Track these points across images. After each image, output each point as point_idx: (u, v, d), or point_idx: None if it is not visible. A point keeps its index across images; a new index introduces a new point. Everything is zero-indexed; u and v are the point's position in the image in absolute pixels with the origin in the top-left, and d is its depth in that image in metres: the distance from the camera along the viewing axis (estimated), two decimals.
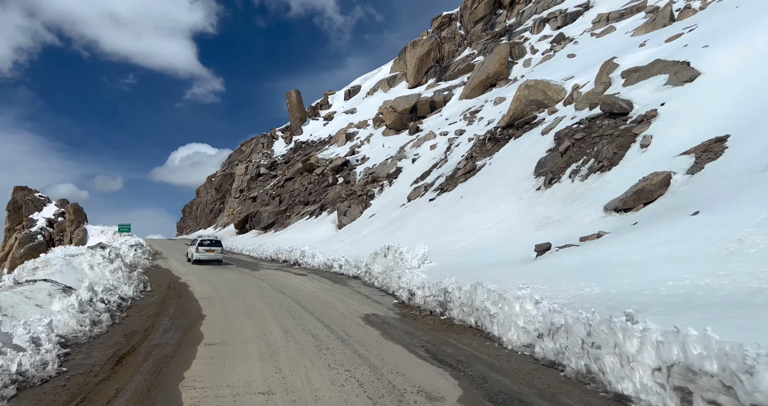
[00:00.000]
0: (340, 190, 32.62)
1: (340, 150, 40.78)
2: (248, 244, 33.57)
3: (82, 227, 39.45)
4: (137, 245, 24.99)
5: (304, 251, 21.24)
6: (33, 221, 38.48)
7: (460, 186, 20.43)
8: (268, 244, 29.97)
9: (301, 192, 39.35)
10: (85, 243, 40.17)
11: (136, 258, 19.04)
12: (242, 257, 26.94)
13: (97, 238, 40.60)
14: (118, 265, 12.04)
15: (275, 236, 33.93)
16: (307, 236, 28.46)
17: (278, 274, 16.03)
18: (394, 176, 27.52)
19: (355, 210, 26.62)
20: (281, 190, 42.73)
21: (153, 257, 24.93)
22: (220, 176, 70.69)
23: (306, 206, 35.86)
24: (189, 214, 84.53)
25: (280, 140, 59.76)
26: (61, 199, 41.08)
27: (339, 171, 36.30)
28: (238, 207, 53.24)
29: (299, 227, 32.03)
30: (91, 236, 40.67)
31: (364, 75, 67.65)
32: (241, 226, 44.02)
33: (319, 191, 36.20)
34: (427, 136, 28.96)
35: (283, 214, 39.21)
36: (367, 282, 12.81)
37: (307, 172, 41.13)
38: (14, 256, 35.44)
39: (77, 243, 39.11)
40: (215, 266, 20.18)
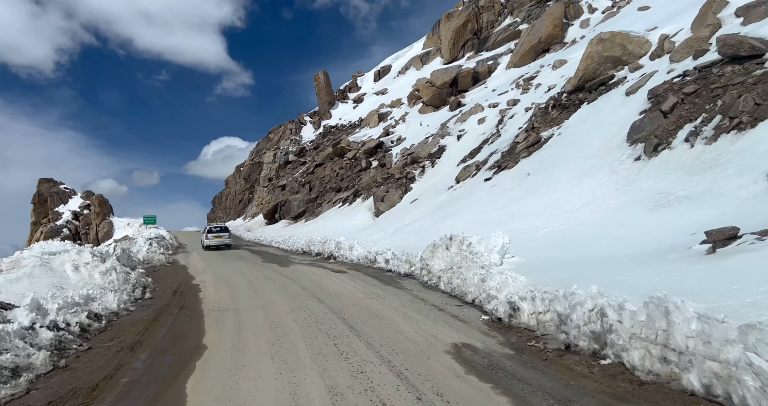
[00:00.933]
0: (375, 175, 29.70)
1: (373, 132, 37.77)
2: (278, 235, 31.26)
3: (108, 220, 38.21)
4: (157, 238, 22.97)
5: (340, 242, 18.49)
6: (58, 214, 37.49)
7: (523, 162, 17.08)
8: (298, 234, 27.49)
9: (332, 178, 36.70)
10: (111, 236, 39.04)
11: (150, 253, 16.75)
12: (271, 249, 24.54)
13: (123, 231, 39.39)
14: (112, 265, 9.52)
15: (306, 225, 31.45)
16: (341, 225, 25.75)
17: (312, 271, 13.29)
18: (437, 156, 24.32)
19: (393, 195, 23.65)
20: (311, 177, 40.23)
21: (174, 251, 22.87)
22: (249, 165, 69.13)
23: (338, 193, 33.19)
24: (219, 205, 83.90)
25: (309, 126, 57.25)
26: (86, 191, 39.95)
27: (372, 154, 33.35)
28: (267, 196, 51.29)
29: (332, 216, 29.38)
30: (117, 229, 39.46)
31: (394, 54, 64.12)
32: (270, 216, 41.92)
33: (351, 177, 33.42)
34: (473, 110, 25.53)
35: (314, 202, 36.72)
36: (428, 283, 9.87)
37: (337, 157, 38.41)
38: None
39: (103, 236, 37.96)
40: (237, 261, 17.75)
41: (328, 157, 40.17)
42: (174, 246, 25.80)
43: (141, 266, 14.05)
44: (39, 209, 37.75)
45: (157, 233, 25.27)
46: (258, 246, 27.24)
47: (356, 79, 65.14)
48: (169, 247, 23.66)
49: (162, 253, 17.94)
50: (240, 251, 23.23)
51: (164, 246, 22.28)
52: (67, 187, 40.20)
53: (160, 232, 28.62)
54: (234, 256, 20.73)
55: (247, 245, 28.89)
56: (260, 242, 30.60)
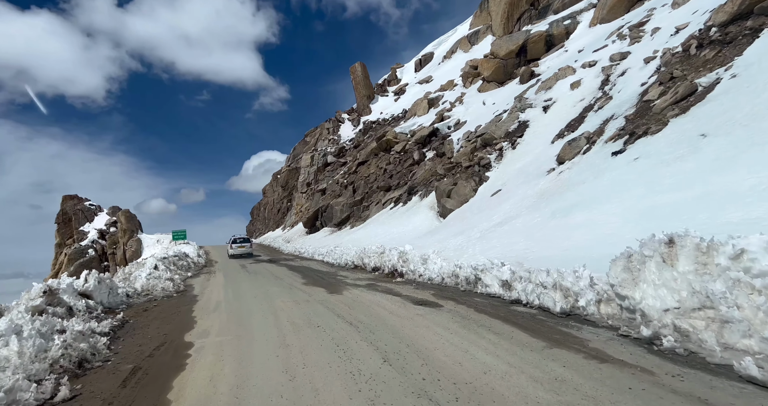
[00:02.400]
0: (433, 167, 24.71)
1: (422, 120, 32.87)
2: (320, 245, 26.81)
3: (136, 237, 35.22)
4: (175, 257, 18.87)
5: (405, 252, 13.64)
6: (83, 233, 34.94)
7: (677, 122, 11.60)
8: (345, 244, 22.88)
9: (378, 176, 32.03)
10: (140, 255, 36.03)
11: (153, 280, 12.48)
12: (314, 264, 20.02)
13: (152, 248, 36.34)
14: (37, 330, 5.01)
15: (353, 232, 26.81)
16: (398, 229, 20.90)
17: (380, 302, 8.46)
18: (518, 134, 19.03)
19: (464, 188, 18.55)
20: (354, 177, 35.77)
21: (195, 272, 18.75)
22: (286, 172, 65.91)
23: (388, 192, 28.42)
24: (257, 216, 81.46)
25: (347, 124, 53.14)
26: (112, 207, 37.35)
27: (426, 144, 28.42)
28: (306, 203, 47.40)
29: (383, 219, 24.59)
30: (147, 247, 36.44)
31: (437, 39, 59.10)
32: (311, 224, 37.76)
33: (402, 172, 28.59)
34: (560, 74, 20.10)
35: (359, 205, 32.15)
36: (646, 338, 4.75)
37: (383, 152, 33.74)
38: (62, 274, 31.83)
39: (131, 256, 34.98)
40: (270, 283, 13.27)
41: (372, 154, 35.59)
42: (198, 265, 21.80)
43: (123, 306, 9.73)
44: (63, 229, 35.47)
45: (178, 251, 21.35)
46: (298, 260, 22.84)
47: (395, 71, 60.59)
48: (190, 267, 19.61)
49: (172, 277, 13.68)
50: (276, 268, 18.85)
51: (182, 267, 18.19)
52: (93, 203, 37.77)
53: (182, 249, 24.84)
54: (268, 274, 16.32)
55: (286, 258, 24.60)
56: (301, 255, 26.26)
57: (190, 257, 22.38)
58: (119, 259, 34.17)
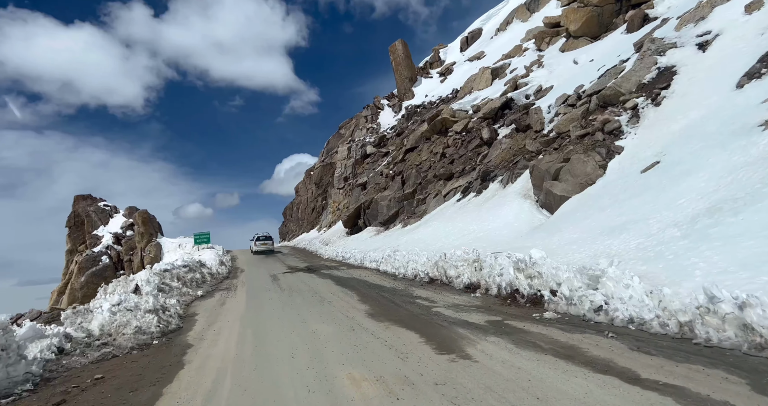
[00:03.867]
0: (514, 144, 19.28)
1: (486, 93, 27.38)
2: (369, 248, 21.83)
3: (155, 241, 31.32)
4: (181, 270, 14.23)
5: (534, 261, 8.41)
6: (97, 238, 31.33)
7: None
8: (405, 246, 17.81)
9: (433, 163, 26.80)
10: (160, 261, 32.07)
11: (121, 316, 7.67)
12: (368, 274, 15.01)
13: (173, 253, 32.36)
14: None
15: (409, 232, 21.66)
16: (478, 227, 15.61)
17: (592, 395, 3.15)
18: (660, 85, 13.36)
19: (582, 165, 13.05)
20: (402, 166, 30.66)
21: (211, 287, 14.09)
22: (319, 168, 61.60)
23: (449, 182, 23.16)
24: (290, 216, 77.73)
25: (387, 110, 48.11)
26: (129, 208, 33.60)
27: (497, 118, 22.99)
28: (344, 200, 42.68)
29: (450, 214, 19.33)
30: (167, 252, 32.51)
31: (485, 14, 53.24)
32: (352, 223, 32.90)
33: (467, 155, 23.25)
34: (715, 1, 14.25)
35: (411, 198, 27.02)
36: None
37: (438, 135, 28.47)
38: (73, 286, 28.17)
39: (150, 262, 31.10)
40: (314, 314, 8.16)
41: (423, 138, 30.37)
42: (218, 277, 17.20)
43: (29, 386, 4.90)
44: (75, 233, 31.99)
45: (190, 260, 16.82)
46: (344, 268, 17.89)
47: (438, 52, 55.11)
48: (204, 280, 15.01)
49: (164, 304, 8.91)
50: (319, 282, 13.93)
51: (191, 283, 13.59)
52: (108, 204, 34.09)
53: (200, 256, 20.42)
54: (309, 293, 11.42)
55: (327, 265, 19.72)
56: (345, 261, 21.33)
57: (207, 266, 17.80)
58: (136, 267, 30.43)
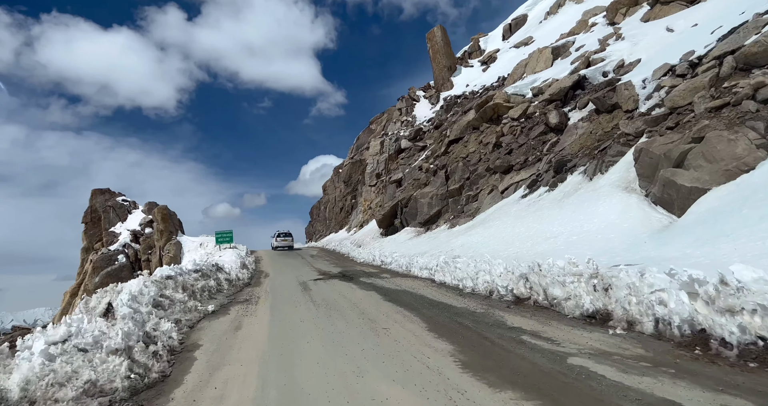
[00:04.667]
0: (594, 128, 15.87)
1: (546, 75, 23.88)
2: (412, 252, 18.77)
3: (175, 240, 29.03)
4: (191, 275, 11.43)
5: (747, 285, 5.03)
6: (114, 235, 29.28)
7: None
8: (461, 250, 14.70)
9: (484, 155, 23.51)
10: (179, 261, 29.81)
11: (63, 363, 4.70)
12: (421, 285, 11.86)
13: (194, 253, 30.04)
14: None
15: (462, 234, 18.45)
16: (563, 228, 12.34)
17: None
18: None
19: (726, 146, 9.68)
20: (445, 159, 27.45)
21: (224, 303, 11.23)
22: (348, 165, 58.95)
23: (507, 175, 19.84)
24: (317, 216, 75.39)
25: (423, 102, 44.93)
26: (148, 203, 31.48)
27: (567, 100, 19.54)
28: (377, 198, 39.73)
29: (516, 213, 16.02)
30: (187, 251, 30.20)
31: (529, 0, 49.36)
32: (387, 223, 29.88)
33: (529, 144, 19.88)
34: None
35: (458, 195, 23.81)
36: None
37: (488, 124, 25.14)
38: (87, 287, 26.11)
39: (169, 262, 28.85)
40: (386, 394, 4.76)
41: (470, 128, 27.08)
42: (237, 284, 14.40)
43: None
44: (92, 229, 30.05)
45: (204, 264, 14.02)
46: (387, 276, 14.81)
47: (477, 41, 51.57)
48: (220, 289, 12.25)
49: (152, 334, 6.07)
50: (361, 294, 10.89)
51: (203, 293, 10.81)
52: (127, 199, 32.05)
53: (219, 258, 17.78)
54: (353, 312, 8.42)
55: (366, 271, 16.70)
56: (385, 266, 18.28)
57: (224, 271, 15.03)
58: (154, 267, 28.28)
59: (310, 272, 18.01)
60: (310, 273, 17.65)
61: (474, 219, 19.82)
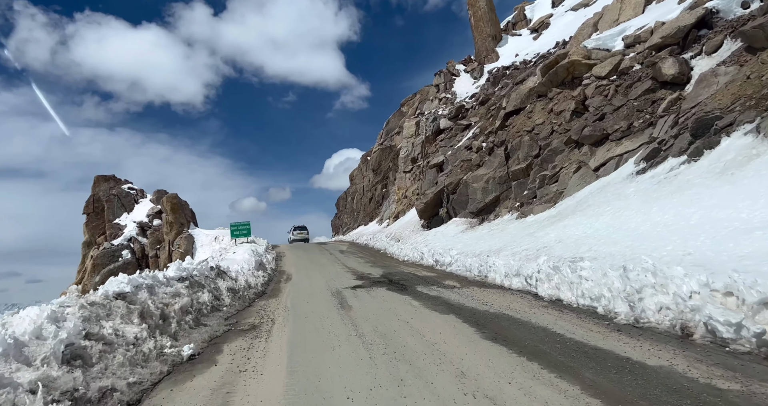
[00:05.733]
0: (752, 72, 10.98)
1: (640, 21, 18.85)
2: (476, 248, 14.38)
3: (186, 233, 25.35)
4: (179, 285, 7.07)
5: None
6: (119, 227, 25.83)
7: None
8: (562, 248, 10.18)
9: (558, 126, 18.78)
10: (192, 257, 26.12)
11: None
12: (519, 302, 7.31)
13: (208, 248, 26.35)
14: None
15: (547, 226, 13.94)
16: (749, 215, 7.50)
17: None
18: None
19: None
20: (503, 134, 22.78)
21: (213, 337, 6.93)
22: (378, 152, 54.67)
23: (601, 147, 15.21)
24: (343, 208, 71.44)
25: (464, 77, 40.06)
26: (157, 191, 27.87)
27: (687, 46, 14.64)
28: (413, 185, 35.28)
29: (634, 195, 11.39)
30: (201, 246, 26.51)
31: None
32: (430, 213, 25.49)
33: (630, 107, 15.15)
34: None
35: (524, 176, 19.25)
36: None
37: (560, 89, 20.35)
38: (86, 287, 22.72)
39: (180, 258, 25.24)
40: None
41: (533, 96, 22.31)
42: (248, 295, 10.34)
43: None
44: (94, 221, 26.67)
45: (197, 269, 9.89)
46: (455, 284, 10.37)
47: (523, 10, 46.18)
48: (207, 311, 8.20)
49: None
50: (436, 322, 6.38)
51: (187, 315, 6.62)
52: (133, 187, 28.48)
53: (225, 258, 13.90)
54: (450, 382, 3.98)
55: (421, 277, 12.30)
56: (445, 269, 13.88)
57: (229, 275, 10.93)
58: (163, 264, 24.76)
59: (344, 275, 13.82)
60: (343, 276, 13.46)
61: (557, 206, 15.20)
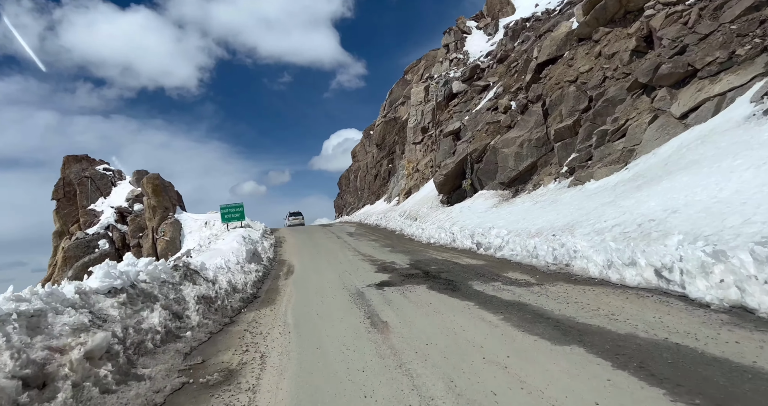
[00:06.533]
0: None
1: None
2: (529, 226, 11.13)
3: (172, 218, 22.14)
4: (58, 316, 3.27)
5: None
6: (95, 214, 22.64)
7: None
8: (680, 218, 6.75)
9: (611, 72, 15.32)
10: (179, 245, 23.06)
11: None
12: (697, 325, 4.04)
13: (196, 235, 23.15)
14: None
15: (630, 193, 10.57)
16: None
17: None
18: None
19: None
20: (538, 88, 19.24)
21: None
22: (381, 125, 51.00)
23: (684, 88, 11.71)
24: (346, 187, 68.11)
25: (476, 34, 36.09)
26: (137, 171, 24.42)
27: None
28: (425, 158, 31.85)
29: None
30: (189, 233, 23.31)
31: None
32: (451, 186, 22.20)
33: (727, 33, 11.67)
34: None
35: (572, 134, 15.90)
36: None
37: (608, 27, 16.72)
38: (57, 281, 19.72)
39: (164, 249, 22.05)
40: None
41: (571, 41, 18.71)
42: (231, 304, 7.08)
43: None
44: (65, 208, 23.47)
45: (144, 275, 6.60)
46: (531, 279, 7.08)
47: None
48: (157, 344, 4.75)
49: None
50: (553, 369, 3.24)
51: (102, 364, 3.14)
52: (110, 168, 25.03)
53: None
54: None
55: (465, 266, 9.03)
56: (493, 254, 10.63)
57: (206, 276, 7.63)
58: (146, 254, 21.72)
59: (360, 265, 10.60)
60: (360, 267, 10.25)
61: (630, 166, 11.85)
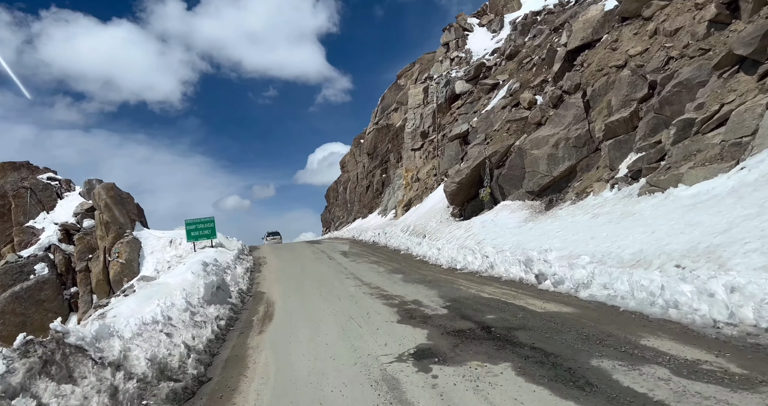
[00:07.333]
0: None
1: None
2: (618, 250, 7.59)
3: (129, 237, 18.27)
4: None
5: None
6: (34, 233, 18.73)
7: None
8: None
9: (680, 50, 12.14)
10: (137, 268, 19.12)
11: None
12: None
13: (160, 255, 19.24)
14: None
15: None
16: None
17: None
18: None
19: None
20: (575, 76, 16.06)
21: None
22: (373, 133, 47.70)
23: None
24: (334, 200, 64.33)
25: (479, 32, 33.18)
26: (88, 181, 20.44)
27: None
28: (427, 165, 28.47)
29: None
30: (150, 253, 19.42)
31: None
32: (464, 197, 18.79)
33: None
34: None
35: (628, 129, 12.61)
36: None
37: (666, 0, 13.66)
38: None
39: (118, 275, 18.12)
40: None
41: (611, 22, 15.69)
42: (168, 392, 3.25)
43: None
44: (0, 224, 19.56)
45: None
46: (739, 370, 3.56)
47: None
48: None
49: None
50: None
51: None
52: (55, 177, 21.19)
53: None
54: None
55: (571, 327, 5.47)
56: (582, 294, 7.12)
57: (104, 358, 3.71)
58: (95, 281, 17.75)
59: (371, 305, 6.98)
60: (372, 310, 6.66)
61: (747, 164, 8.53)
